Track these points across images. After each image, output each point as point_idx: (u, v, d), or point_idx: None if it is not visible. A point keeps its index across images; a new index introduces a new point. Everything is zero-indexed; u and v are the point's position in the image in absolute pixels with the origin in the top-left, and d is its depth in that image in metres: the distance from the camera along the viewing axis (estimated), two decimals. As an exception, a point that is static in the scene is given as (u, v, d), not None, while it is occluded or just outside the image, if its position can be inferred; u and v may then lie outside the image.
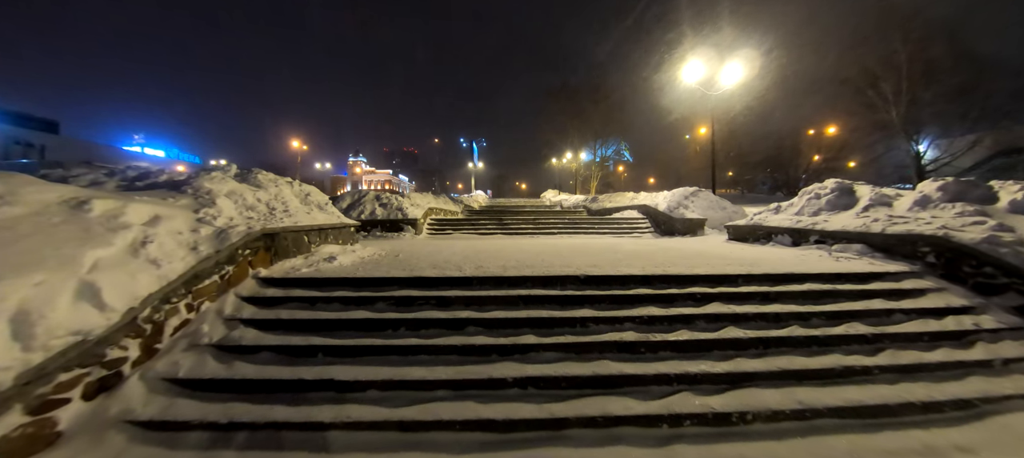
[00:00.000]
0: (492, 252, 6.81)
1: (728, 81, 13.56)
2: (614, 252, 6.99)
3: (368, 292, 4.19)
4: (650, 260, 5.64)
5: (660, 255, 6.40)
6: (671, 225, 12.18)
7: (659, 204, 13.45)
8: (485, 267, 4.93)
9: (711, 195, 12.74)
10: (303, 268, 4.91)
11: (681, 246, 8.02)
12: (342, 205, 12.67)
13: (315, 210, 6.63)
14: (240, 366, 3.22)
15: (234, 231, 4.35)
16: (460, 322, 3.68)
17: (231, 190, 5.32)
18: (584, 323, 3.71)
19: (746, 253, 6.51)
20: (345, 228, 7.01)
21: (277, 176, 6.67)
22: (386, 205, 12.50)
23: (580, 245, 8.57)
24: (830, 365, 3.30)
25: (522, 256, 6.14)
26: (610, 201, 19.41)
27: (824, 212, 7.22)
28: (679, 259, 5.73)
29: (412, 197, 14.38)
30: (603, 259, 5.74)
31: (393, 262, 5.60)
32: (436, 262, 5.53)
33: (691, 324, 3.77)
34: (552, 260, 5.63)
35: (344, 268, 5.02)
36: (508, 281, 4.36)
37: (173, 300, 3.52)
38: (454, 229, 13.11)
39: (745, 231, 8.49)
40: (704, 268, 4.87)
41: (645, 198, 16.12)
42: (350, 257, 5.87)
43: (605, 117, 40.36)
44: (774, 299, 4.27)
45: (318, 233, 6.11)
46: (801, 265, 5.13)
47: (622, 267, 4.93)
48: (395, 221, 11.95)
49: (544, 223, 13.70)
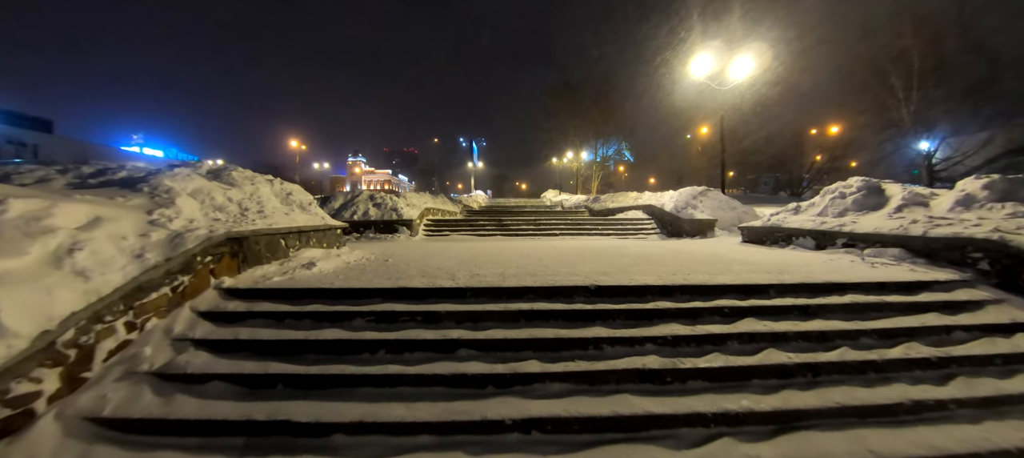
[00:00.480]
0: (490, 256, 6.24)
1: (738, 75, 12.97)
2: (622, 255, 6.42)
3: (345, 305, 3.62)
4: (664, 265, 5.07)
5: (672, 259, 5.83)
6: (678, 226, 11.61)
7: (665, 204, 12.88)
8: (481, 275, 4.36)
9: (720, 195, 12.17)
10: (276, 276, 4.34)
11: (693, 249, 7.45)
12: (334, 205, 12.12)
13: (296, 211, 6.06)
14: (181, 401, 2.65)
15: (192, 235, 3.78)
16: (450, 344, 3.10)
17: (197, 188, 4.75)
18: (597, 344, 3.13)
19: (768, 257, 5.94)
20: (330, 230, 6.44)
21: (255, 174, 6.09)
22: (380, 205, 11.93)
23: (584, 247, 8.00)
24: (896, 398, 2.72)
25: (523, 261, 5.57)
26: (613, 201, 18.85)
27: (851, 213, 6.64)
28: (696, 264, 5.16)
29: (408, 197, 13.81)
30: (612, 264, 5.17)
31: (380, 268, 5.03)
32: (428, 268, 4.96)
33: (723, 345, 3.20)
34: (556, 266, 5.06)
35: (323, 276, 4.45)
36: (507, 293, 3.78)
37: (107, 318, 2.95)
38: (452, 230, 12.54)
39: (762, 233, 7.92)
40: (728, 276, 4.30)
41: (650, 198, 15.55)
42: (333, 263, 5.30)
43: (606, 115, 39.79)
44: (814, 313, 3.70)
45: (298, 236, 5.54)
46: (835, 272, 4.55)
47: (635, 274, 4.36)
48: (389, 222, 11.38)
49: (545, 224, 13.13)
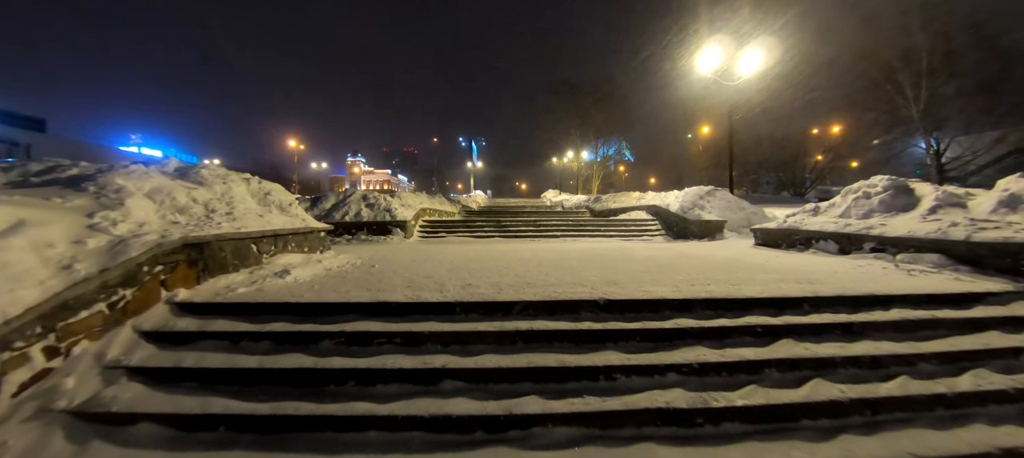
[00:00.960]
0: (486, 261, 5.72)
1: (747, 70, 12.45)
2: (628, 260, 5.91)
3: (314, 324, 3.11)
4: (678, 273, 4.56)
5: (685, 265, 5.31)
6: (685, 228, 11.10)
7: (670, 205, 12.37)
8: (474, 285, 3.84)
9: (729, 195, 11.66)
10: (241, 287, 3.82)
11: (705, 253, 6.94)
12: (326, 205, 11.61)
13: (274, 212, 5.55)
14: (95, 451, 2.14)
15: (138, 241, 3.27)
16: (433, 374, 2.59)
17: (156, 188, 4.24)
18: (610, 374, 2.62)
19: (790, 263, 5.42)
20: (312, 233, 5.92)
21: (229, 172, 5.58)
22: (373, 206, 11.41)
23: (587, 251, 7.49)
24: (981, 446, 2.21)
25: (521, 268, 5.06)
26: (614, 201, 18.34)
27: (877, 214, 6.13)
28: (714, 272, 4.64)
29: (403, 197, 13.30)
30: (620, 272, 4.66)
31: (363, 276, 4.52)
32: (416, 276, 4.45)
33: (760, 375, 2.69)
34: (558, 274, 4.55)
35: (297, 286, 3.93)
36: (503, 308, 3.27)
37: (18, 345, 2.43)
38: (448, 232, 12.03)
39: (777, 235, 7.40)
40: (753, 286, 3.79)
41: (653, 198, 15.04)
42: (312, 270, 4.79)
43: (607, 114, 39.28)
44: (859, 332, 3.18)
45: (274, 240, 5.02)
46: (872, 282, 4.04)
47: (648, 285, 3.85)
48: (383, 224, 10.87)
49: (545, 225, 12.62)
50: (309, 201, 11.79)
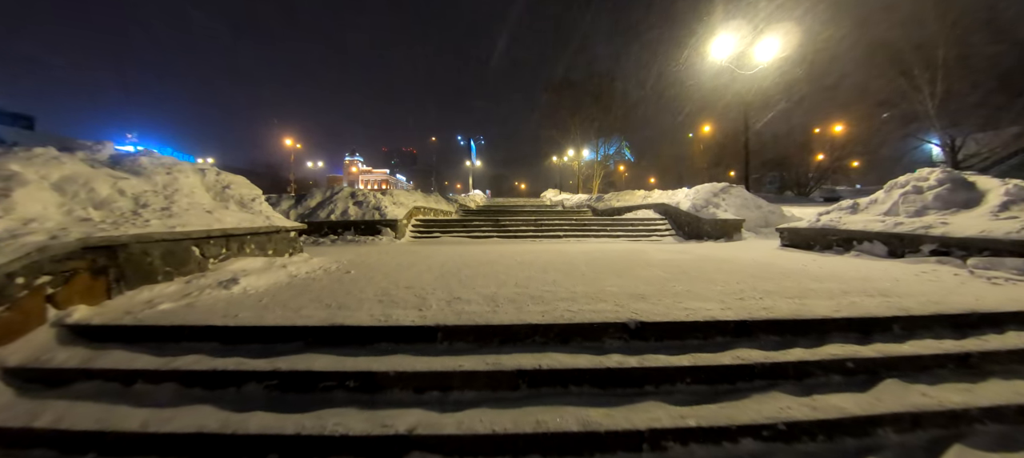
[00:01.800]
0: (481, 265, 4.90)
1: (764, 57, 11.64)
2: (646, 265, 5.09)
3: (242, 356, 2.27)
4: (711, 281, 3.74)
5: (714, 269, 4.49)
6: (698, 227, 10.27)
7: (681, 203, 11.55)
8: (464, 299, 3.01)
9: (745, 192, 10.84)
10: (167, 302, 2.99)
11: (730, 255, 6.12)
12: (310, 203, 10.77)
13: (232, 208, 4.71)
14: None
15: (14, 243, 2.43)
16: (396, 445, 1.75)
17: (68, 177, 3.40)
18: (657, 442, 1.78)
19: (839, 268, 4.60)
20: (278, 233, 5.08)
21: (178, 161, 4.75)
22: (361, 204, 10.57)
23: (595, 252, 6.67)
24: None
25: (523, 274, 4.23)
26: (618, 200, 17.56)
27: (933, 211, 5.31)
28: (754, 279, 3.82)
29: (396, 195, 12.47)
30: (641, 279, 3.84)
31: (330, 286, 3.69)
32: (395, 286, 3.62)
33: (873, 438, 1.86)
34: (568, 282, 3.73)
35: (240, 301, 3.10)
36: (500, 334, 2.43)
37: None
38: (443, 232, 11.19)
39: (809, 236, 6.58)
40: (818, 301, 2.97)
41: (661, 196, 14.23)
42: (270, 277, 3.95)
43: (608, 112, 38.49)
44: (979, 366, 2.36)
45: (225, 241, 4.18)
46: (957, 295, 3.22)
47: (682, 297, 3.03)
48: (371, 223, 10.03)
49: (547, 225, 11.79)
50: (293, 198, 10.95)
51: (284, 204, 10.56)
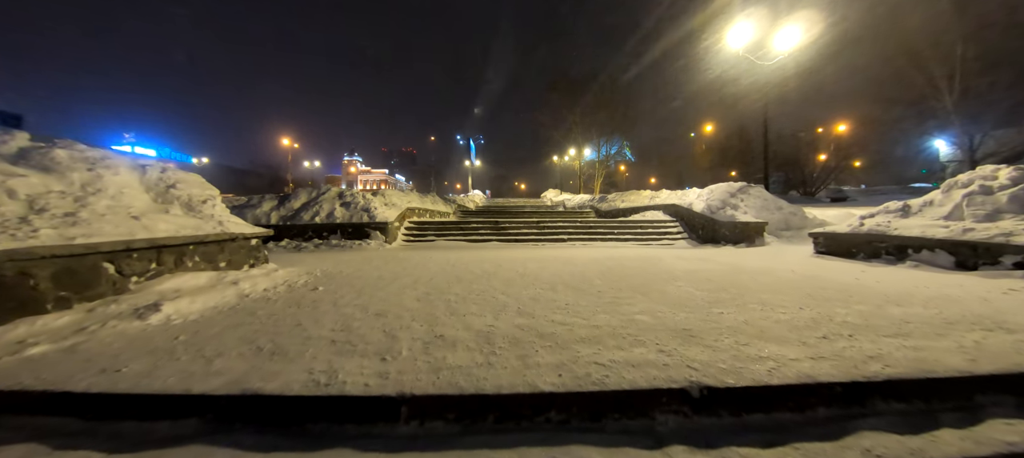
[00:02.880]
0: (477, 280, 4.09)
1: (783, 46, 10.82)
2: (670, 278, 4.30)
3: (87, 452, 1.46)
4: (762, 303, 2.94)
5: (755, 285, 3.68)
6: (714, 230, 9.47)
7: (693, 204, 10.74)
8: (448, 339, 2.21)
9: (764, 192, 10.02)
10: (45, 343, 2.19)
11: (762, 264, 5.31)
12: (294, 204, 9.95)
13: (176, 212, 3.89)
14: None
15: None
16: None
17: (-70, 172, 2.59)
18: None
19: (906, 284, 3.79)
20: (234, 241, 4.26)
21: (110, 154, 3.94)
22: (349, 205, 9.76)
23: (605, 260, 5.86)
24: None
25: (528, 292, 3.43)
26: (623, 200, 16.74)
27: (1010, 216, 4.50)
28: (816, 302, 3.02)
29: (388, 195, 11.65)
30: (674, 302, 3.03)
31: (280, 314, 2.88)
32: (359, 314, 2.81)
33: None
34: (585, 306, 2.92)
35: (150, 337, 2.30)
36: (495, 407, 1.62)
37: None
38: (438, 235, 10.39)
39: (852, 242, 5.77)
40: (936, 344, 2.17)
41: (669, 196, 13.44)
42: (213, 298, 3.15)
43: (610, 111, 37.71)
44: None
45: (155, 254, 3.37)
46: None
47: (743, 336, 2.24)
48: (359, 226, 9.21)
49: (549, 228, 10.98)
50: (276, 199, 10.13)
51: (266, 205, 9.74)
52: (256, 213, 9.43)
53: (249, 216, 9.31)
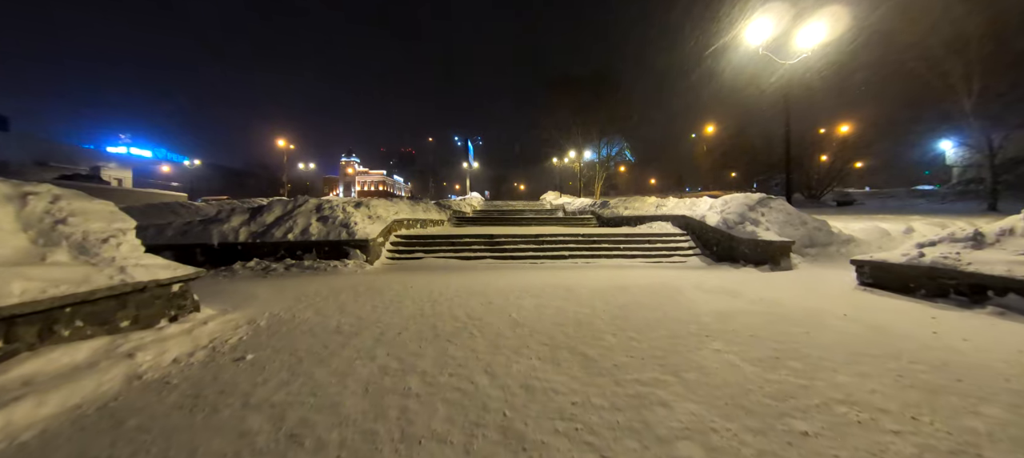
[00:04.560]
0: (457, 334, 3.15)
1: (806, 43, 9.89)
2: (698, 330, 3.37)
3: None
4: (857, 403, 2.03)
5: (809, 345, 2.76)
6: (731, 248, 8.54)
7: (706, 216, 9.81)
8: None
9: (787, 205, 9.08)
10: None
11: (808, 302, 4.39)
12: (267, 218, 8.99)
13: (57, 258, 2.94)
14: None
15: None
16: None
17: None
18: None
19: None
20: (145, 291, 3.30)
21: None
22: (327, 219, 8.81)
23: (614, 293, 4.90)
24: None
25: (518, 365, 2.51)
26: (626, 207, 15.77)
27: None
28: (934, 392, 2.11)
29: (373, 206, 10.70)
30: (720, 384, 2.11)
31: (166, 418, 1.95)
32: (260, 433, 1.88)
33: None
34: (593, 392, 2.00)
35: None
36: None
37: None
38: (427, 250, 9.44)
39: (908, 275, 4.84)
40: None
41: (678, 205, 12.50)
42: (83, 387, 2.32)
43: (610, 111, 36.78)
44: None
45: (4, 328, 2.42)
46: None
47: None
48: (337, 244, 8.27)
49: (549, 243, 10.00)
50: (248, 212, 9.17)
51: (235, 220, 8.79)
52: (223, 229, 8.48)
53: (215, 233, 8.37)
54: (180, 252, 8.17)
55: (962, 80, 18.20)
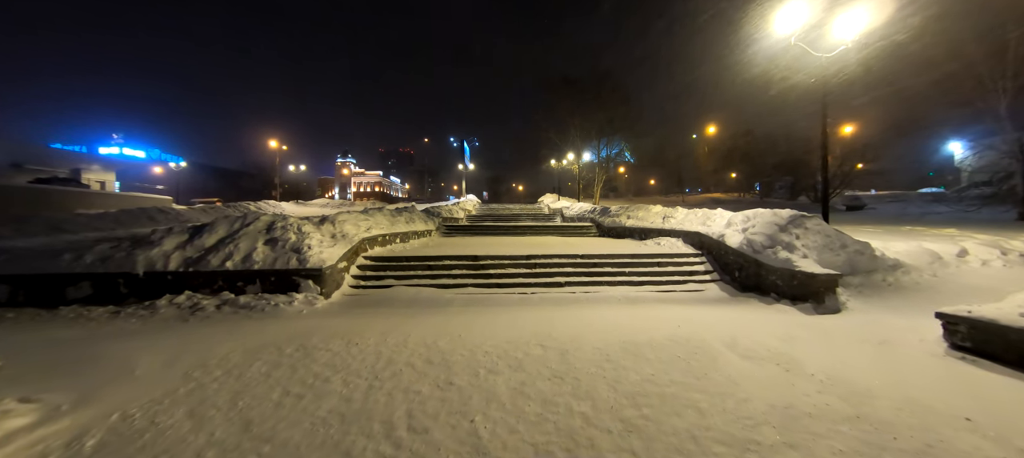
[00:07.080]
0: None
1: (845, 34, 8.49)
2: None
3: None
4: None
5: None
6: (757, 276, 7.16)
7: (726, 236, 8.42)
8: None
9: (824, 224, 7.66)
10: None
11: (902, 392, 3.02)
12: (207, 241, 7.57)
13: None
14: None
15: None
16: None
17: None
18: None
19: None
20: None
21: None
22: (276, 242, 7.39)
23: (620, 358, 3.47)
24: None
25: None
26: (628, 216, 14.36)
27: None
28: None
29: (340, 222, 9.27)
30: None
31: None
32: None
33: None
34: None
35: None
36: None
37: None
38: (399, 277, 8.04)
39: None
40: None
41: (689, 218, 11.11)
42: None
43: (609, 112, 35.38)
44: None
45: None
46: None
47: None
48: (285, 274, 6.86)
49: (543, 267, 8.57)
50: (187, 233, 7.74)
51: (168, 243, 7.36)
52: (151, 255, 7.05)
53: (140, 259, 6.96)
54: (99, 283, 6.79)
55: (997, 80, 16.84)
